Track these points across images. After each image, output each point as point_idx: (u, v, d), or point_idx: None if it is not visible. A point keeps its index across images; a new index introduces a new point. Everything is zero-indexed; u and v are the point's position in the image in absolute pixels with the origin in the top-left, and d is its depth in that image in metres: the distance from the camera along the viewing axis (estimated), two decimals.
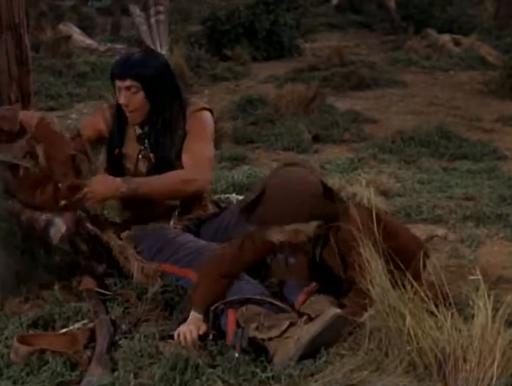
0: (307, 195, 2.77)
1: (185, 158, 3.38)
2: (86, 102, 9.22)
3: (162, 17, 11.66)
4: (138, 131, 3.46)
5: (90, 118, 3.66)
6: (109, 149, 3.51)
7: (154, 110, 3.37)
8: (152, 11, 11.64)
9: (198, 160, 3.36)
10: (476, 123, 8.09)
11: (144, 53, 3.43)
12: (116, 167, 3.46)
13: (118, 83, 3.32)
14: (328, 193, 2.85)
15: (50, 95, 9.18)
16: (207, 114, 3.47)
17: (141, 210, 3.41)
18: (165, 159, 3.39)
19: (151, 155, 3.42)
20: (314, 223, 2.81)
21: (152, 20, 11.65)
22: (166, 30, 11.83)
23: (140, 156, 3.44)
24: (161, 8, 11.73)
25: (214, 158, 3.64)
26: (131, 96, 3.32)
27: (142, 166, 3.44)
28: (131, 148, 3.47)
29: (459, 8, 16.13)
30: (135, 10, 11.85)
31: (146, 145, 3.44)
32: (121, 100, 3.33)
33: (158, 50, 10.11)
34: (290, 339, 2.65)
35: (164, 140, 3.39)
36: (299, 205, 2.75)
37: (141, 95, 3.32)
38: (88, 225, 3.30)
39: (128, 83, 3.30)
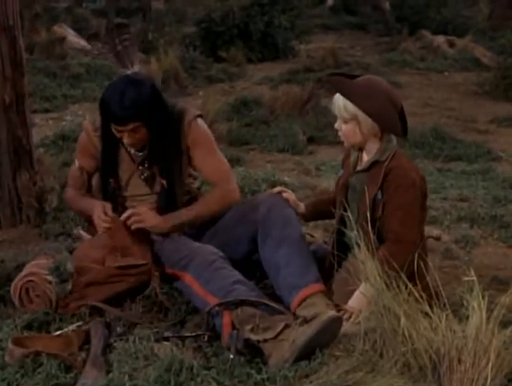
0: (395, 101, 3.01)
1: (209, 174, 3.40)
2: (81, 104, 9.22)
3: (127, 43, 11.92)
4: (138, 154, 3.37)
5: (81, 147, 3.49)
6: (104, 176, 3.42)
7: (154, 134, 3.29)
8: (117, 41, 11.90)
9: (222, 174, 3.40)
10: (470, 124, 8.11)
11: (133, 85, 3.21)
12: (111, 195, 3.41)
13: (120, 128, 3.19)
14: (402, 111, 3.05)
15: (44, 96, 9.17)
16: (202, 122, 3.42)
17: None
18: (173, 176, 3.36)
19: (163, 182, 3.35)
20: (373, 125, 2.99)
21: (119, 47, 11.88)
22: (135, 50, 12.02)
23: (143, 176, 3.38)
24: (126, 36, 12.02)
25: None
26: (134, 135, 3.22)
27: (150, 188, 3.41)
28: (126, 169, 3.40)
29: (453, 9, 16.16)
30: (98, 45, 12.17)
31: (145, 165, 3.39)
32: (126, 141, 3.23)
33: (131, 69, 10.27)
34: (285, 341, 2.65)
35: (168, 157, 3.33)
36: (384, 101, 2.97)
37: (143, 130, 3.22)
38: None
39: (131, 126, 3.18)
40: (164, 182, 3.35)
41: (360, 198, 3.03)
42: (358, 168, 3.10)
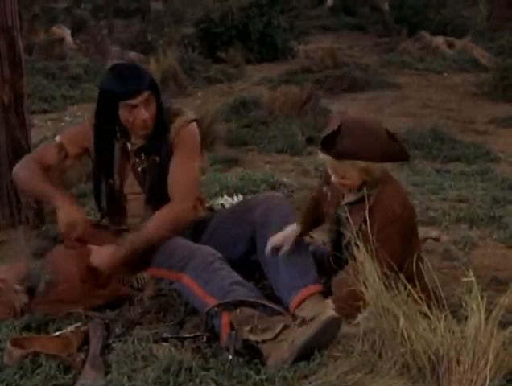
0: (382, 132, 2.91)
1: (172, 183, 3.30)
2: (80, 104, 9.22)
3: (104, 32, 12.07)
4: (134, 145, 3.35)
5: (73, 132, 3.46)
6: (99, 176, 3.40)
7: (158, 119, 3.27)
8: (97, 31, 12.00)
9: (183, 188, 3.29)
10: (469, 125, 8.11)
11: (130, 65, 3.34)
12: (108, 196, 3.40)
13: (133, 101, 3.15)
14: (392, 135, 2.96)
15: (43, 97, 9.18)
16: (195, 127, 3.37)
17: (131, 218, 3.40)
18: (167, 162, 3.32)
19: (156, 158, 3.32)
20: (381, 165, 2.93)
21: (98, 38, 12.03)
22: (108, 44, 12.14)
23: (139, 168, 3.35)
24: (102, 26, 12.18)
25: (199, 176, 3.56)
26: (149, 108, 3.20)
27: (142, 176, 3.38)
28: (121, 168, 3.37)
29: (453, 10, 16.17)
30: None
31: (142, 157, 3.36)
32: (145, 115, 3.18)
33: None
34: (284, 342, 2.65)
35: (164, 145, 3.31)
36: (375, 140, 2.87)
37: (154, 104, 3.22)
38: None
39: (145, 95, 3.17)
40: (157, 158, 3.31)
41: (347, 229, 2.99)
42: (346, 200, 3.05)
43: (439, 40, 13.40)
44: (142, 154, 3.35)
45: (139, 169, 3.35)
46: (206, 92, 9.44)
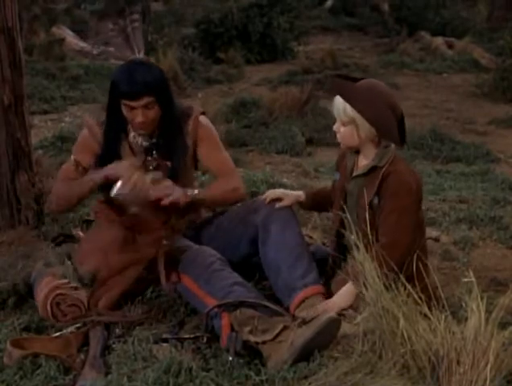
0: (397, 108, 2.99)
1: (218, 168, 3.41)
2: (80, 105, 9.21)
3: (137, 24, 11.75)
4: (145, 143, 3.34)
5: (80, 143, 3.44)
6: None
7: (164, 118, 3.28)
8: (128, 20, 11.71)
9: (231, 170, 3.43)
10: (469, 126, 8.12)
11: (143, 64, 3.28)
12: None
13: (132, 103, 3.17)
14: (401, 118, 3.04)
15: (43, 98, 9.16)
16: (207, 119, 3.47)
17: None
18: (179, 166, 3.33)
19: (168, 163, 3.32)
20: (370, 129, 2.98)
21: (129, 28, 11.71)
22: (141, 37, 11.88)
23: (151, 167, 3.33)
24: (136, 16, 11.82)
25: None
26: (148, 112, 3.20)
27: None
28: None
29: (452, 11, 16.18)
30: (109, 26, 11.92)
31: (153, 155, 3.36)
32: (140, 119, 3.19)
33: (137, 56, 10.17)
34: (283, 343, 2.65)
35: (177, 146, 3.32)
36: (383, 107, 2.94)
37: (156, 108, 3.21)
38: None
39: (145, 100, 3.17)
40: (169, 163, 3.32)
41: (357, 202, 3.03)
42: (355, 173, 3.10)
43: (439, 41, 13.42)
44: (154, 153, 3.35)
45: (150, 168, 3.34)
46: (206, 93, 9.45)
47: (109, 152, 3.33)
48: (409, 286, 2.54)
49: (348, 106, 2.98)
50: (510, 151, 6.88)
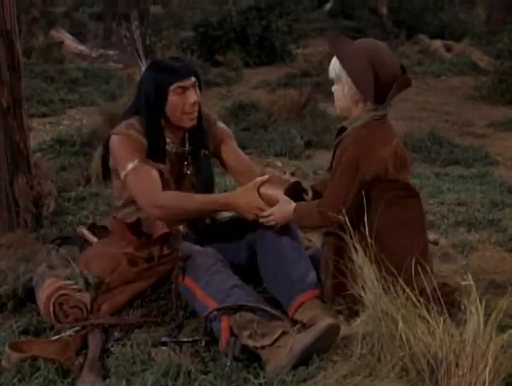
0: (378, 58, 2.88)
1: (242, 168, 3.53)
2: (78, 108, 9.21)
3: (138, 31, 11.85)
4: (179, 149, 3.38)
5: (130, 148, 3.24)
6: None
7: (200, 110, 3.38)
8: (135, 25, 11.75)
9: (254, 170, 3.53)
10: (467, 128, 8.12)
11: (174, 57, 3.63)
12: None
13: (185, 82, 3.25)
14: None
15: (42, 101, 9.16)
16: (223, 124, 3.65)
17: None
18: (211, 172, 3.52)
19: (205, 151, 3.45)
20: (354, 90, 2.91)
21: (136, 33, 11.77)
22: (140, 41, 11.97)
23: (188, 172, 3.41)
24: (136, 23, 11.92)
25: None
26: (197, 93, 3.32)
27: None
28: (175, 172, 3.37)
29: (450, 13, 16.20)
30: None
31: (189, 161, 3.41)
32: (195, 98, 3.27)
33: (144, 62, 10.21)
34: (282, 348, 2.64)
35: (207, 140, 3.45)
36: (366, 57, 2.86)
37: (199, 93, 3.33)
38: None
39: (193, 79, 3.28)
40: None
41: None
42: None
43: (438, 43, 13.43)
44: (189, 157, 3.41)
45: (188, 172, 3.41)
46: (205, 96, 9.42)
47: (156, 153, 3.31)
48: (407, 289, 2.54)
49: (337, 62, 2.95)
50: (509, 154, 6.88)
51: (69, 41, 13.31)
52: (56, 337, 2.92)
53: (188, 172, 3.41)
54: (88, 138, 6.39)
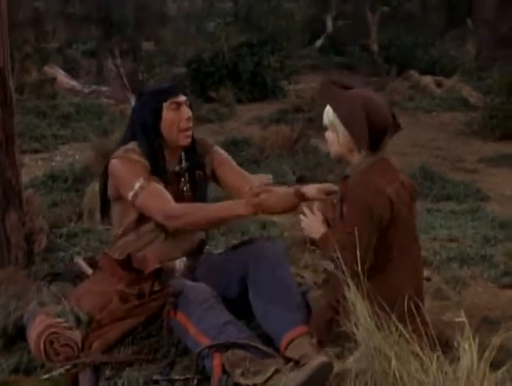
0: (371, 106, 2.94)
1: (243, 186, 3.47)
2: (71, 144, 9.23)
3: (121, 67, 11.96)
4: (177, 168, 3.43)
5: (134, 169, 3.25)
6: None
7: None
8: (119, 61, 11.85)
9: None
10: (458, 164, 8.15)
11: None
12: None
13: (179, 98, 3.34)
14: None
15: (34, 136, 9.17)
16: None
17: None
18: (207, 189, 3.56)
19: (201, 173, 3.51)
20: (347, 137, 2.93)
21: (121, 69, 11.87)
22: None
23: (185, 188, 3.45)
24: (119, 60, 12.04)
25: None
26: (189, 110, 3.39)
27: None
28: (175, 190, 3.40)
29: (441, 49, 16.33)
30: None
31: (186, 179, 3.46)
32: (189, 112, 3.37)
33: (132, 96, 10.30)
34: None
35: (202, 162, 3.52)
36: (359, 105, 2.91)
37: (191, 113, 3.41)
38: None
39: (185, 97, 3.38)
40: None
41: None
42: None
43: (428, 79, 13.53)
44: (186, 174, 3.46)
45: (185, 189, 3.45)
46: (197, 131, 9.42)
47: (158, 173, 3.33)
48: (400, 326, 2.52)
49: (330, 110, 2.98)
50: (500, 189, 6.90)
51: (62, 77, 13.36)
52: (47, 375, 2.90)
53: (185, 188, 3.44)
54: (81, 174, 6.40)
